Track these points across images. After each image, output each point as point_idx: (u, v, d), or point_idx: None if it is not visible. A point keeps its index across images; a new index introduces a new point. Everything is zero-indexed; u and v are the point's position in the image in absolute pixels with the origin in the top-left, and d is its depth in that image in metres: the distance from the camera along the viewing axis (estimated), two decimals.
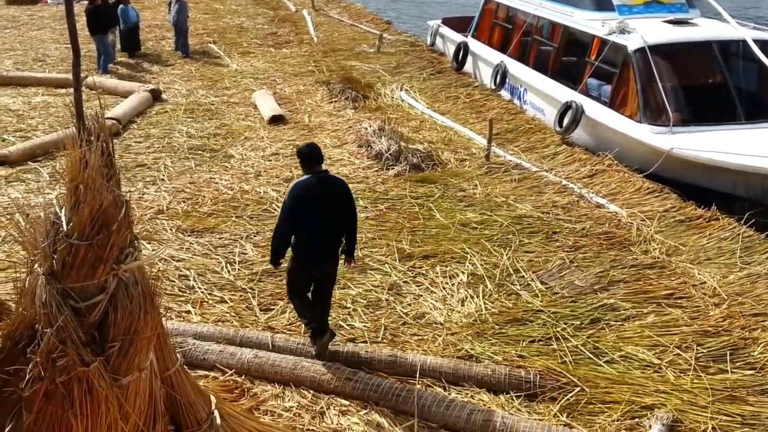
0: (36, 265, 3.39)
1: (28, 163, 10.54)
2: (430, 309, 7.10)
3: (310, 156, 5.71)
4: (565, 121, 11.77)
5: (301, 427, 5.37)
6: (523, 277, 7.52)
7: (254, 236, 8.40)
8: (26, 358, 3.38)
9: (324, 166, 5.80)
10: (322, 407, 5.62)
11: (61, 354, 3.27)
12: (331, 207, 5.67)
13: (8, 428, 3.55)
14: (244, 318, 6.80)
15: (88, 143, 3.16)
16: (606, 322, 6.61)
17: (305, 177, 5.71)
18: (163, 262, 7.58)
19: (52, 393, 3.36)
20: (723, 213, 8.93)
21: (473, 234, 8.52)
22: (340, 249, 5.96)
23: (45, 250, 3.29)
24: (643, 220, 8.87)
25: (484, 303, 7.05)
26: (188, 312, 6.85)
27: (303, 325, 6.29)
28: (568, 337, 6.36)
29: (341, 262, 6.07)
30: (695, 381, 5.68)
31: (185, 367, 4.27)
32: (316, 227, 5.64)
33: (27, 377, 3.31)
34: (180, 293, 7.14)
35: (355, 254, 6.15)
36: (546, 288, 7.30)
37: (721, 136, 9.94)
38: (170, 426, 4.02)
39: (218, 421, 4.15)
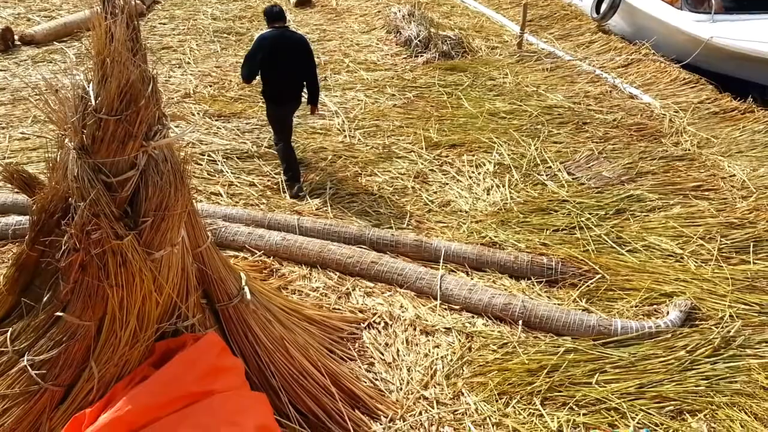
0: (66, 140, 3.45)
1: (54, 43, 10.48)
2: (456, 197, 7.16)
3: (272, 14, 6.83)
4: (603, 7, 11.26)
5: (327, 306, 5.58)
6: (550, 167, 7.48)
7: None
8: (61, 231, 3.51)
9: (288, 26, 6.97)
10: (347, 288, 5.82)
11: (95, 227, 3.38)
12: (289, 55, 6.79)
13: (46, 297, 3.74)
14: (272, 202, 6.93)
15: (113, 16, 3.12)
16: (631, 212, 6.61)
17: (268, 30, 6.85)
18: (192, 146, 7.66)
19: (87, 264, 3.51)
20: (758, 105, 8.67)
21: (501, 124, 8.41)
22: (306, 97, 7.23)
23: (74, 125, 3.34)
24: (676, 112, 8.66)
25: (510, 192, 7.07)
26: (217, 194, 6.99)
27: (282, 172, 7.30)
28: (592, 226, 6.40)
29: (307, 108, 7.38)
30: (716, 271, 5.73)
31: (215, 245, 4.40)
32: (278, 72, 6.82)
33: (63, 248, 3.45)
34: (209, 176, 7.26)
35: (318, 103, 7.35)
36: (573, 179, 7.27)
37: (762, 26, 9.47)
38: (203, 299, 4.20)
39: (248, 296, 4.32)
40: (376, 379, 4.92)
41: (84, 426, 3.45)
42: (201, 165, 7.42)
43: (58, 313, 3.64)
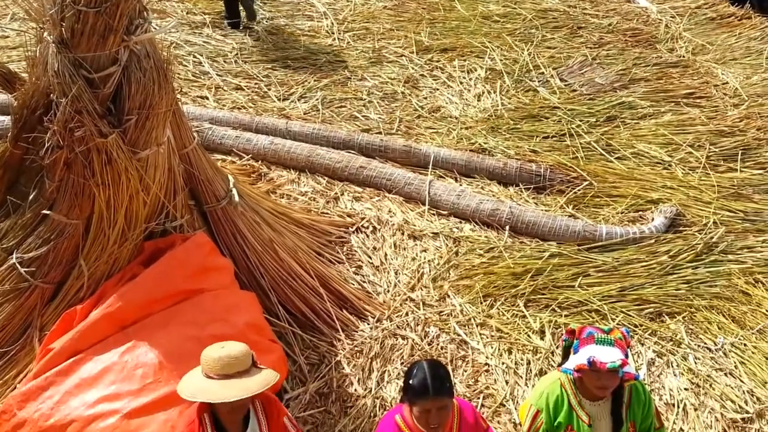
0: (45, 34, 3.32)
1: None
2: (446, 103, 7.05)
3: None
4: None
5: (315, 210, 5.60)
6: (542, 73, 7.35)
7: (267, 21, 8.14)
8: (44, 128, 3.44)
9: None
10: (336, 193, 5.82)
11: (78, 124, 3.32)
12: None
13: (32, 195, 3.71)
14: (260, 105, 6.81)
15: None
16: (622, 119, 6.56)
17: None
18: (177, 47, 7.43)
19: (72, 162, 3.47)
20: (756, 12, 8.47)
21: (494, 27, 8.19)
22: None
23: (53, 18, 3.21)
24: (673, 17, 8.45)
25: (501, 99, 6.97)
26: (204, 98, 6.85)
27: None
28: (582, 133, 6.36)
29: None
30: (703, 178, 5.76)
31: (202, 147, 4.35)
32: None
33: (46, 146, 3.40)
34: (195, 78, 7.09)
35: None
36: (565, 85, 7.16)
37: None
38: (190, 201, 4.19)
39: (236, 198, 4.32)
40: (364, 282, 5.01)
41: (75, 322, 3.51)
42: (186, 66, 7.22)
43: (45, 212, 3.63)
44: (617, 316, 4.61)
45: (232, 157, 6.08)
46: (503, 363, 4.37)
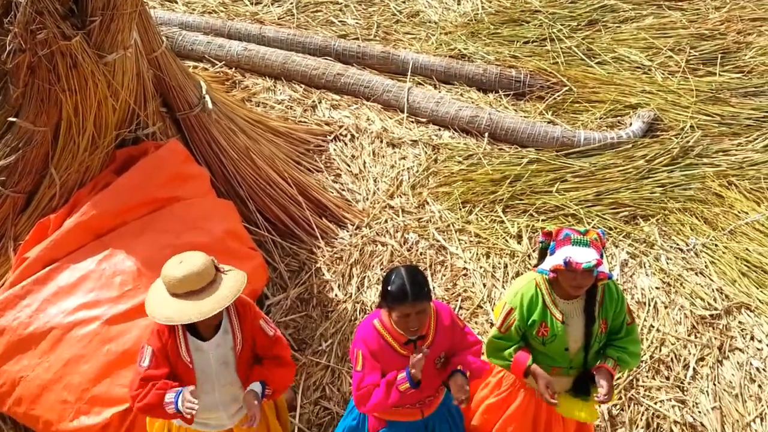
0: None
1: None
2: (425, 7, 6.85)
3: None
4: None
5: (293, 118, 5.50)
6: None
7: None
8: (4, 30, 3.28)
9: None
10: (313, 101, 5.71)
11: (40, 26, 3.17)
12: None
13: None
14: (231, 10, 6.56)
15: None
16: (603, 23, 6.43)
17: None
18: None
19: (36, 66, 3.33)
20: None
21: None
22: None
23: None
24: None
25: (482, 2, 6.77)
26: (172, 0, 6.57)
27: None
28: (563, 38, 6.23)
29: None
30: (682, 83, 5.72)
31: (172, 52, 4.20)
32: None
33: (8, 49, 3.25)
34: None
35: None
36: None
37: None
38: (162, 108, 4.09)
39: (210, 105, 4.21)
40: (343, 190, 5.00)
41: (49, 231, 3.47)
42: None
43: (11, 119, 3.52)
44: (593, 220, 4.67)
45: (205, 63, 5.91)
46: (481, 267, 4.45)
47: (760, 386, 3.72)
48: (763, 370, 3.79)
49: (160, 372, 2.60)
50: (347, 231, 4.66)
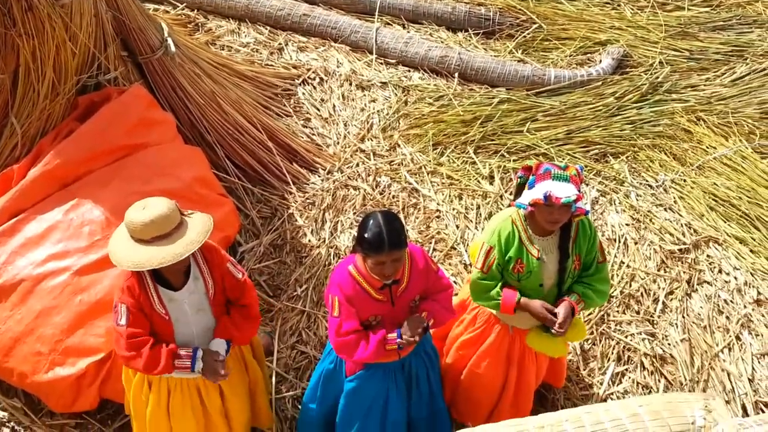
0: None
1: None
2: None
3: None
4: None
5: (259, 62, 5.36)
6: None
7: None
8: None
9: None
10: (279, 43, 5.56)
11: None
12: None
13: None
14: None
15: None
16: None
17: None
18: None
19: None
20: None
21: None
22: None
23: None
24: None
25: None
26: None
27: None
28: None
29: None
30: (651, 18, 5.69)
31: None
32: None
33: None
34: None
35: None
36: None
37: None
38: (123, 52, 3.94)
39: (173, 48, 4.07)
40: (313, 134, 4.92)
41: (13, 182, 3.37)
42: None
43: None
44: (564, 159, 4.68)
45: (165, 6, 5.69)
46: (454, 209, 4.45)
47: (727, 318, 3.84)
48: (731, 302, 3.90)
49: (141, 329, 2.58)
50: (319, 176, 4.61)
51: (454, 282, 4.04)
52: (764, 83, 5.23)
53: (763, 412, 3.39)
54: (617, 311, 3.89)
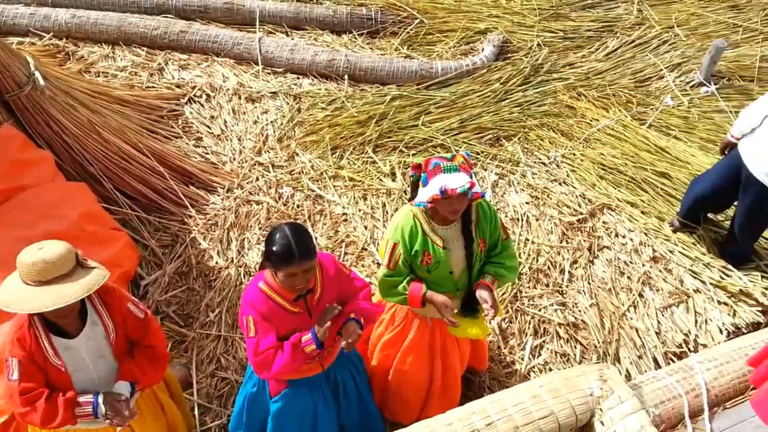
0: None
1: None
2: None
3: None
4: None
5: (139, 85, 5.16)
6: None
7: None
8: None
9: None
10: (159, 64, 5.38)
11: None
12: None
13: None
14: None
15: None
16: None
17: None
18: None
19: None
20: None
21: None
22: None
23: None
24: None
25: None
26: None
27: None
28: None
29: None
30: (525, 3, 5.89)
31: None
32: None
33: None
34: None
35: None
36: None
37: None
38: None
39: (41, 82, 3.84)
40: (207, 153, 4.79)
41: None
42: None
43: None
44: (460, 147, 4.77)
45: (31, 38, 5.39)
46: (360, 210, 4.44)
47: (629, 278, 4.02)
48: (630, 262, 4.08)
49: (35, 382, 2.39)
50: (218, 195, 4.49)
51: (370, 282, 4.03)
52: (635, 54, 5.53)
53: (673, 361, 3.56)
54: (528, 287, 3.99)
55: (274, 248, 2.54)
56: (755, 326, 3.78)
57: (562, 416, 2.69)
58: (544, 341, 3.77)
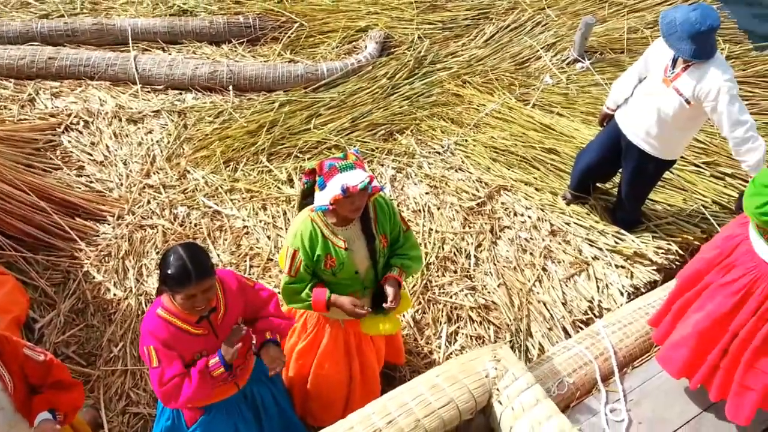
0: None
1: None
2: None
3: None
4: None
5: (10, 119, 4.84)
6: None
7: None
8: None
9: None
10: (30, 94, 5.07)
11: None
12: None
13: None
14: None
15: None
16: None
17: None
18: None
19: None
20: None
21: None
22: None
23: None
24: None
25: None
26: None
27: None
28: None
29: None
30: None
31: None
32: None
33: None
34: None
35: None
36: None
37: None
38: None
39: None
40: (91, 182, 4.55)
41: None
42: None
43: None
44: (355, 146, 4.76)
45: None
46: (261, 221, 4.35)
47: (531, 254, 4.13)
48: (531, 239, 4.20)
49: None
50: (109, 224, 4.28)
51: (279, 293, 3.95)
52: (512, 38, 5.70)
53: (581, 329, 3.69)
54: (437, 275, 4.03)
55: (169, 271, 2.44)
56: (652, 285, 3.98)
57: (461, 402, 2.74)
58: (458, 327, 3.82)
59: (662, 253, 4.09)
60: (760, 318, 2.72)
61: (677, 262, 4.06)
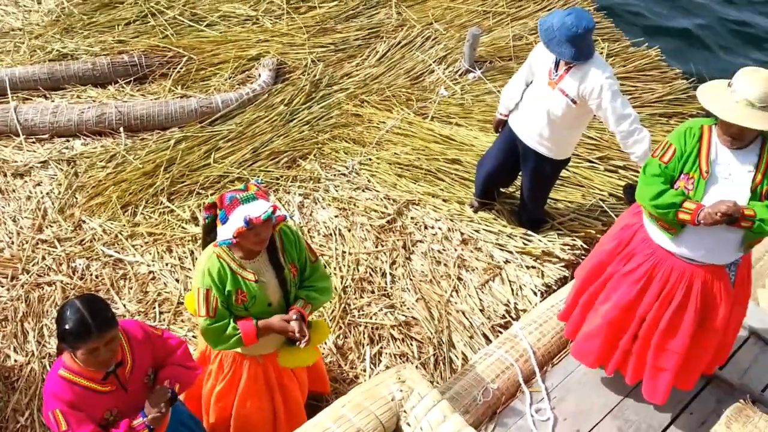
0: None
1: None
2: (2, 15, 6.03)
3: None
4: None
5: None
6: None
7: None
8: None
9: None
10: None
11: None
12: None
13: None
14: None
15: None
16: None
17: None
18: None
19: None
20: None
21: None
22: None
23: None
24: None
25: None
26: None
27: None
28: (164, 9, 6.00)
29: None
30: (290, 23, 5.94)
31: None
32: None
33: None
34: None
35: None
36: None
37: None
38: None
39: None
40: None
41: None
42: None
43: None
44: (258, 176, 4.67)
45: None
46: (167, 264, 4.18)
47: (445, 265, 4.16)
48: (443, 250, 4.24)
49: None
50: (2, 286, 4.00)
51: (193, 336, 3.81)
52: (404, 54, 5.79)
53: (501, 333, 3.74)
54: (355, 298, 3.99)
55: (67, 326, 2.30)
56: (563, 281, 4.09)
57: (368, 430, 2.72)
58: (381, 347, 3.78)
59: (568, 249, 4.22)
60: (663, 301, 2.83)
61: (583, 257, 4.19)
